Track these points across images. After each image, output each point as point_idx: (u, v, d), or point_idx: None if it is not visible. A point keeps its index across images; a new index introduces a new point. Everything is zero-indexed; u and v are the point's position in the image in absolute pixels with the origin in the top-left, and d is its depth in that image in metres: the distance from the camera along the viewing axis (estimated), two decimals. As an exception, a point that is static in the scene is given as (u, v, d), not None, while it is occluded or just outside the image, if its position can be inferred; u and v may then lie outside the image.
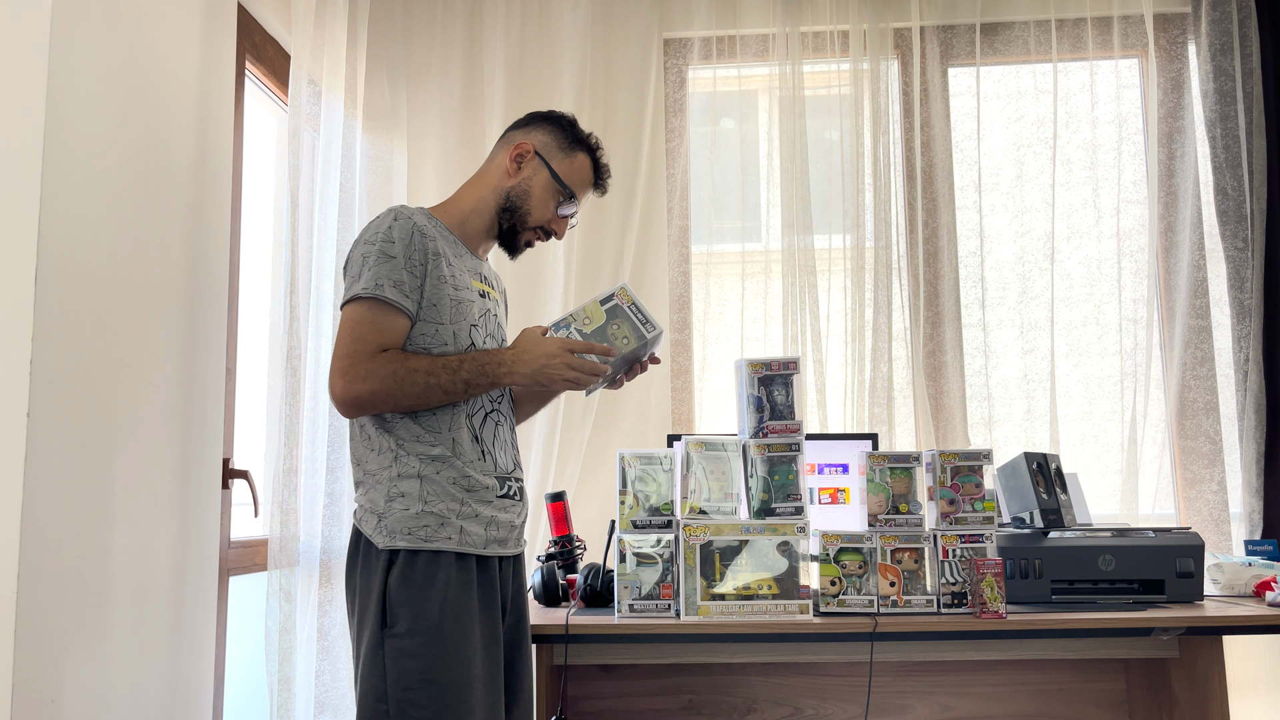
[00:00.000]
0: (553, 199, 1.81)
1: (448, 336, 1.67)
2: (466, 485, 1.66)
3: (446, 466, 1.65)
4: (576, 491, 2.67)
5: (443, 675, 1.55)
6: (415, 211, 1.72)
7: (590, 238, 2.80)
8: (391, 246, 1.64)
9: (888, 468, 2.09)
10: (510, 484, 1.74)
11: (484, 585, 1.66)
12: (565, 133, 1.84)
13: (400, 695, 1.55)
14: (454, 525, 1.63)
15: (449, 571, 1.61)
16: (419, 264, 1.65)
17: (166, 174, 1.82)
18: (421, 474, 1.64)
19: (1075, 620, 1.99)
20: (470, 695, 1.57)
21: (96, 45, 1.61)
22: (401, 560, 1.60)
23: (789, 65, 2.82)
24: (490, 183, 1.81)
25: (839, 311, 2.77)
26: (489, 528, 1.67)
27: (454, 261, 1.72)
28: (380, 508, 1.64)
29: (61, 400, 1.49)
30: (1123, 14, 2.84)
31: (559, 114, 1.87)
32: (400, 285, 1.63)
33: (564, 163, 1.82)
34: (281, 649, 1.97)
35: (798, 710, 2.55)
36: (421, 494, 1.63)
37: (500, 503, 1.70)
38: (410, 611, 1.57)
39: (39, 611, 1.43)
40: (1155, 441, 2.70)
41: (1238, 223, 2.69)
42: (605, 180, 1.89)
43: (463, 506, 1.64)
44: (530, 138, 1.82)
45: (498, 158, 1.83)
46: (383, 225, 1.67)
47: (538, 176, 1.80)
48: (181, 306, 1.86)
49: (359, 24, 2.47)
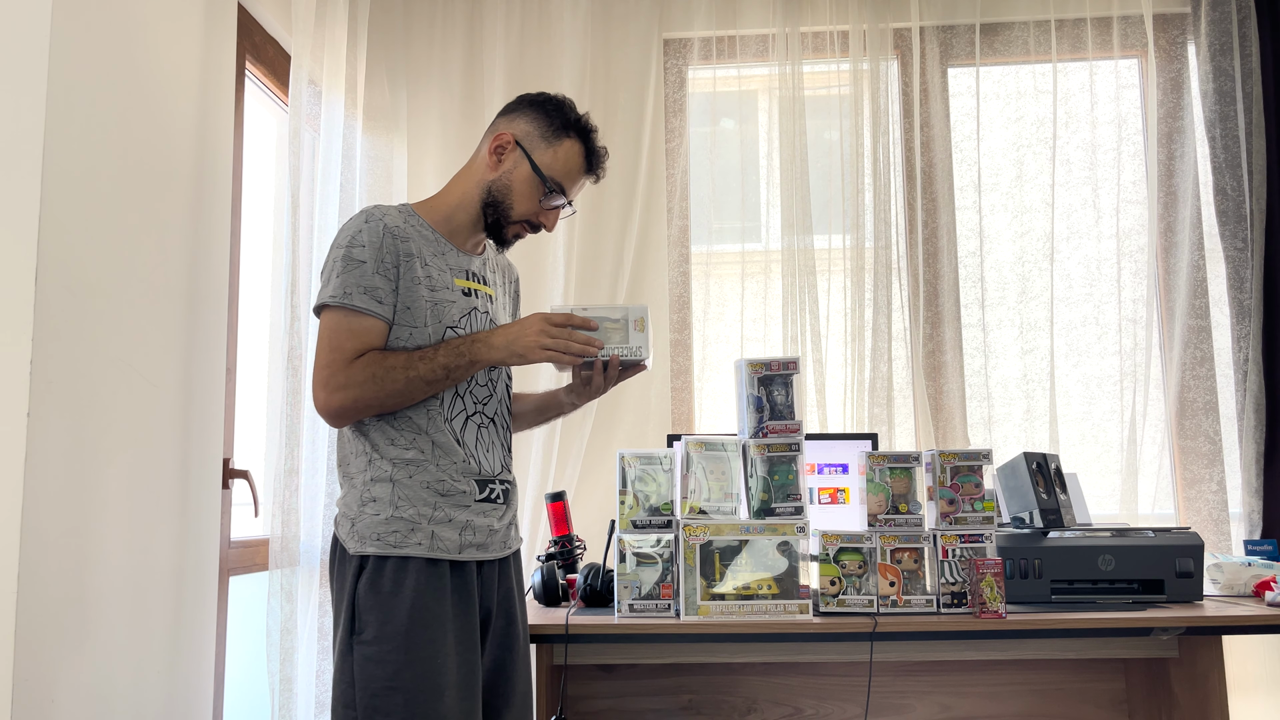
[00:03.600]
0: (535, 192, 1.73)
1: (423, 339, 1.64)
2: (441, 489, 1.63)
3: (420, 470, 1.63)
4: (576, 491, 2.67)
5: (410, 682, 1.54)
6: (390, 211, 1.68)
7: (590, 238, 2.81)
8: (361, 251, 1.61)
9: (887, 468, 2.09)
10: (494, 487, 1.71)
11: (459, 591, 1.63)
12: (551, 119, 1.74)
13: (367, 702, 1.54)
14: (425, 530, 1.61)
15: (418, 577, 1.59)
16: (391, 266, 1.62)
17: (166, 174, 1.82)
18: (394, 478, 1.62)
19: (1075, 620, 1.99)
20: (440, 702, 1.55)
21: (96, 45, 1.61)
22: (370, 566, 1.59)
23: (789, 65, 2.82)
24: (474, 176, 1.76)
25: (839, 311, 2.77)
26: (464, 532, 1.64)
27: (431, 261, 1.69)
28: (354, 512, 1.63)
29: (61, 400, 1.49)
30: (1122, 14, 2.84)
31: (548, 97, 1.78)
32: (372, 291, 1.60)
33: (546, 153, 1.73)
34: (283, 649, 1.97)
35: (798, 710, 2.55)
36: (392, 499, 1.61)
37: (479, 506, 1.67)
38: (377, 618, 1.56)
39: (39, 611, 1.43)
40: (1155, 441, 2.70)
41: (1237, 223, 2.69)
42: (600, 166, 1.80)
43: (435, 511, 1.62)
44: (512, 127, 1.75)
45: (481, 149, 1.77)
46: (352, 228, 1.64)
47: (519, 169, 1.73)
48: (181, 306, 1.86)
49: (359, 24, 2.47)
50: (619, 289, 2.78)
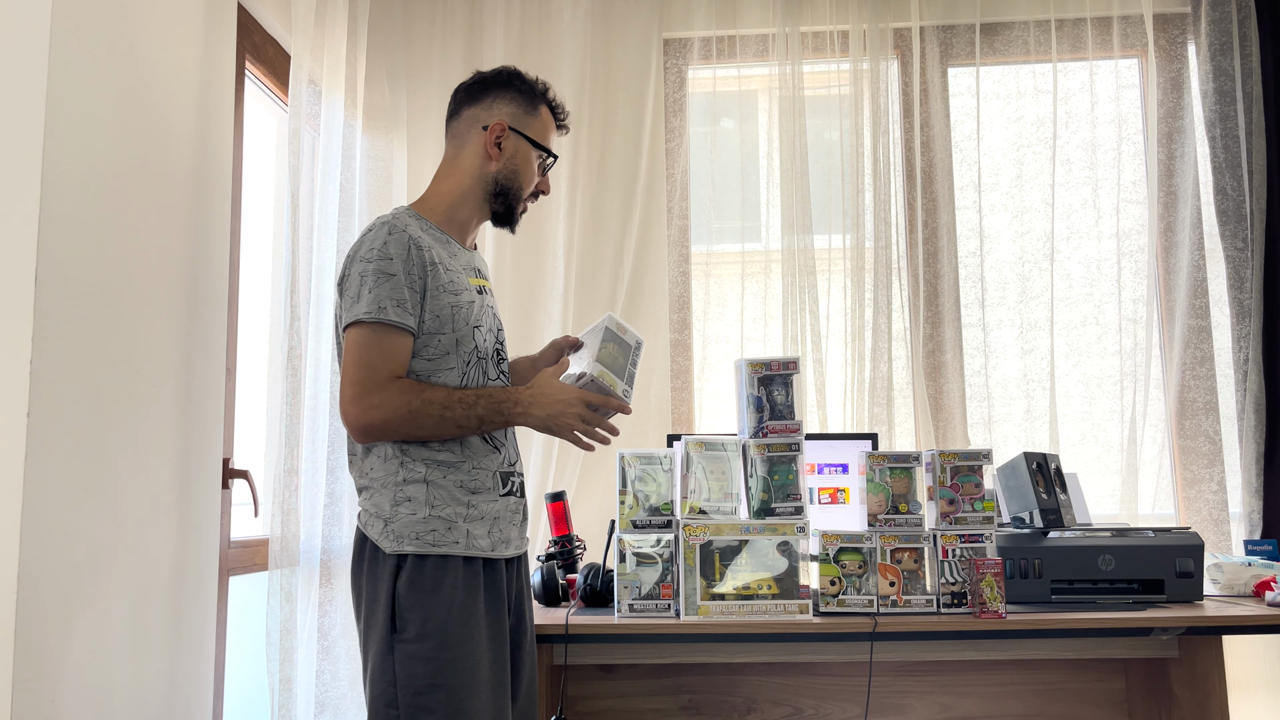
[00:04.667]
0: (535, 164, 1.81)
1: (449, 345, 1.66)
2: (472, 487, 1.66)
3: (452, 470, 1.65)
4: (576, 491, 2.67)
5: (452, 679, 1.55)
6: (407, 220, 1.69)
7: (590, 238, 2.81)
8: (390, 264, 1.62)
9: (887, 468, 2.09)
10: (513, 480, 1.74)
11: (490, 588, 1.66)
12: (523, 93, 1.80)
13: (410, 700, 1.55)
14: (460, 529, 1.63)
15: (456, 576, 1.61)
16: (418, 278, 1.63)
17: (166, 174, 1.82)
18: (428, 479, 1.64)
19: (1075, 620, 1.99)
20: (477, 699, 1.57)
21: (96, 45, 1.61)
22: (410, 565, 1.60)
23: (789, 65, 2.82)
24: (469, 170, 1.78)
25: (839, 311, 2.77)
26: (493, 529, 1.67)
27: (450, 264, 1.71)
28: (386, 512, 1.63)
29: (61, 400, 1.49)
30: (1122, 14, 2.84)
31: (509, 73, 1.82)
32: (403, 304, 1.61)
33: (535, 125, 1.80)
34: (283, 649, 1.97)
35: (797, 710, 2.55)
36: (428, 498, 1.63)
37: (504, 501, 1.70)
38: (419, 616, 1.57)
39: (39, 611, 1.43)
40: (1155, 441, 2.70)
41: (1237, 223, 2.69)
42: (566, 119, 1.87)
43: (469, 510, 1.65)
44: (496, 112, 1.78)
45: (470, 141, 1.78)
46: (378, 241, 1.64)
47: (520, 151, 1.78)
48: (181, 306, 1.86)
49: (359, 24, 2.47)
50: (619, 289, 2.78)
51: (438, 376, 1.66)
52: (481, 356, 1.71)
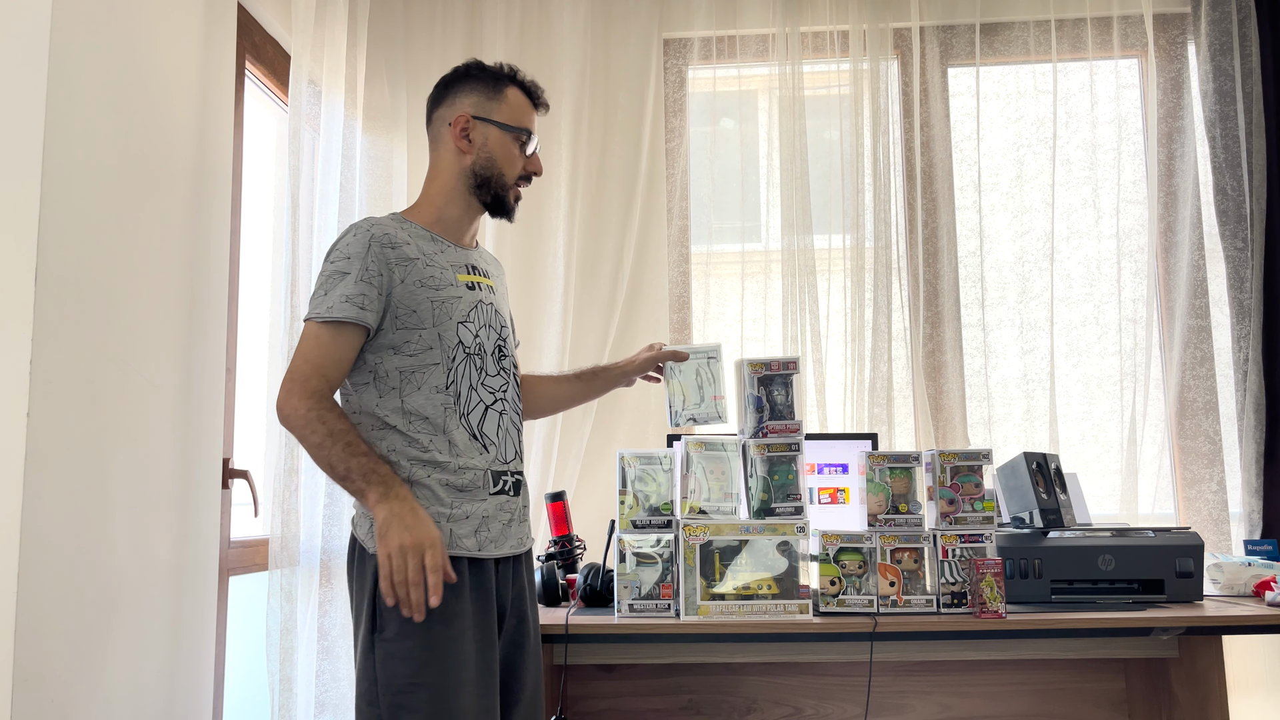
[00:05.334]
0: (513, 148, 1.79)
1: (432, 340, 1.66)
2: (459, 485, 1.65)
3: (439, 469, 1.64)
4: (576, 491, 2.67)
5: (433, 679, 1.55)
6: (385, 221, 1.71)
7: (590, 238, 2.81)
8: (347, 263, 1.64)
9: (887, 468, 2.09)
10: (506, 478, 1.72)
11: (477, 588, 1.65)
12: (484, 80, 1.80)
13: (391, 699, 1.55)
14: (443, 529, 1.62)
15: None
16: (376, 274, 1.64)
17: (166, 174, 1.82)
18: (413, 478, 1.63)
19: (1075, 620, 1.99)
20: (462, 699, 1.56)
21: (96, 45, 1.61)
22: None
23: (789, 65, 2.82)
24: (448, 169, 1.79)
25: (839, 311, 2.77)
26: (480, 529, 1.66)
27: (434, 260, 1.71)
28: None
29: (61, 400, 1.49)
30: (1122, 14, 2.84)
31: (467, 67, 1.82)
32: (352, 299, 1.62)
33: (502, 109, 1.79)
34: (283, 649, 1.97)
35: (798, 710, 2.55)
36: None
37: (494, 499, 1.69)
38: (398, 615, 1.56)
39: (39, 611, 1.43)
40: (1155, 441, 2.70)
41: (1237, 223, 2.69)
42: (541, 96, 1.86)
43: (453, 509, 1.64)
44: (458, 107, 1.78)
45: (443, 141, 1.80)
46: (341, 241, 1.67)
47: (490, 137, 1.77)
48: (181, 306, 1.86)
49: (359, 24, 2.47)
50: (619, 289, 2.78)
51: (421, 374, 1.66)
52: (471, 353, 1.70)
